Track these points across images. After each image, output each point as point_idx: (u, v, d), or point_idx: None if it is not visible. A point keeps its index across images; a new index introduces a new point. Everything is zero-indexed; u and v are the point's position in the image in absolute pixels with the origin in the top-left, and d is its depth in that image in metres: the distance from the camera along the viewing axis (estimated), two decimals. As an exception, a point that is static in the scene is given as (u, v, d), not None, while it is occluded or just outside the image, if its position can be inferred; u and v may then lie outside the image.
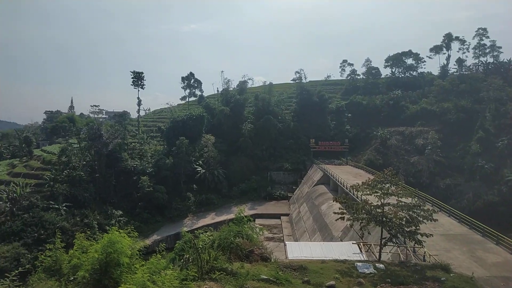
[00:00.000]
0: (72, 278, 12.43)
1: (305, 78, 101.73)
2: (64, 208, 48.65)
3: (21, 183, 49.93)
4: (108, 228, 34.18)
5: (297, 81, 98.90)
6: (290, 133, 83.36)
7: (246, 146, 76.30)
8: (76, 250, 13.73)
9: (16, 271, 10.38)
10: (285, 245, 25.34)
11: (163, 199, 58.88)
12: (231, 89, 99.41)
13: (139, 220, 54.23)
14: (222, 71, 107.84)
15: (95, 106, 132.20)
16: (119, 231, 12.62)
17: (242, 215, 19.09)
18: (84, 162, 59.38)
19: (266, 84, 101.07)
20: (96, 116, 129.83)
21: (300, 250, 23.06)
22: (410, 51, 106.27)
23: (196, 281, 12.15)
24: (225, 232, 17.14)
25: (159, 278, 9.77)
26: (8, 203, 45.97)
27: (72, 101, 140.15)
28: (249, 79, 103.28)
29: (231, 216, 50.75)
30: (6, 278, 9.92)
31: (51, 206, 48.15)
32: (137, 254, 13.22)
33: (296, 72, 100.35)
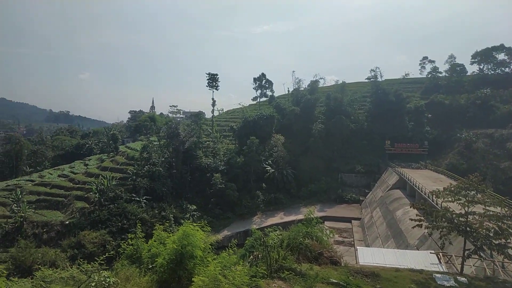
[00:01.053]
0: (151, 266, 13.15)
1: (381, 76, 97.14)
2: (144, 200, 52.32)
3: (108, 176, 54.79)
4: (182, 221, 36.03)
5: (372, 79, 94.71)
6: (363, 133, 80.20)
7: (316, 146, 75.15)
8: (154, 241, 14.57)
9: (103, 256, 11.31)
10: (356, 249, 24.44)
11: (234, 196, 60.48)
12: (302, 89, 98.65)
13: (211, 215, 56.32)
14: (293, 71, 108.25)
15: (174, 106, 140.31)
16: (193, 225, 13.13)
17: (312, 216, 18.76)
18: (163, 159, 63.30)
19: (339, 83, 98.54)
20: (174, 115, 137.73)
21: (372, 256, 22.02)
22: (502, 45, 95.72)
23: (265, 278, 12.19)
24: (294, 232, 16.98)
25: (230, 273, 9.96)
26: (97, 194, 50.75)
27: (153, 101, 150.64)
28: (321, 78, 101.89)
29: (300, 216, 50.27)
30: (95, 262, 10.87)
31: (133, 198, 52.14)
32: (209, 248, 13.64)
33: (371, 70, 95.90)
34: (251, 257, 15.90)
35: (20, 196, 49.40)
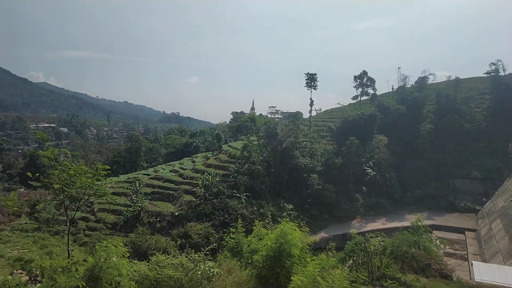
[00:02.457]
0: (250, 261, 13.53)
1: (503, 70, 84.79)
2: (244, 197, 54.43)
3: (212, 173, 58.39)
4: (280, 219, 36.57)
5: (492, 74, 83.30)
6: (481, 135, 70.95)
7: (424, 148, 69.13)
8: (254, 236, 14.99)
9: (208, 248, 12.07)
10: (470, 264, 21.75)
11: (331, 198, 59.18)
12: (408, 86, 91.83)
13: (307, 216, 56.01)
14: (398, 68, 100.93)
15: (272, 107, 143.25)
16: (291, 224, 13.15)
17: (419, 224, 17.30)
18: (262, 158, 65.10)
19: (451, 79, 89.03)
20: (272, 116, 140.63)
21: (491, 273, 19.35)
22: None
23: (365, 285, 11.61)
24: (399, 240, 15.86)
25: (329, 275, 9.72)
26: (203, 189, 54.51)
27: (253, 103, 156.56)
28: (430, 74, 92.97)
29: (405, 223, 46.80)
30: (201, 252, 11.66)
31: (234, 194, 54.69)
32: (307, 248, 13.52)
33: (491, 64, 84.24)
34: (351, 261, 15.33)
35: (138, 188, 55.71)
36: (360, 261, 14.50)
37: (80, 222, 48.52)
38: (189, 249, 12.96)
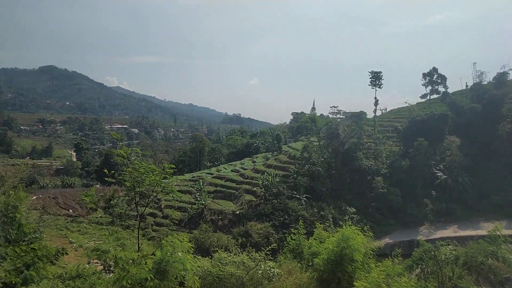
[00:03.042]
0: (311, 263, 13.34)
1: None
2: (304, 199, 53.93)
3: (272, 173, 58.65)
4: (341, 223, 35.63)
5: None
6: None
7: (504, 150, 63.08)
8: (315, 239, 14.76)
9: (269, 248, 12.12)
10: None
11: (397, 202, 56.41)
12: (485, 83, 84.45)
13: (371, 220, 53.92)
14: (474, 63, 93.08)
15: (334, 107, 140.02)
16: (353, 228, 12.73)
17: (498, 233, 15.77)
18: (322, 159, 64.00)
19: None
20: (334, 116, 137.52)
21: None
22: None
23: (436, 297, 10.87)
24: (474, 250, 14.61)
25: (394, 283, 9.25)
26: (263, 189, 55.00)
27: (314, 103, 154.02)
28: (511, 69, 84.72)
29: (480, 232, 43.12)
30: (261, 251, 11.76)
31: (293, 195, 54.42)
32: (370, 254, 13.01)
33: None
34: (419, 270, 14.44)
35: (202, 187, 57.75)
36: (429, 270, 13.59)
37: (148, 218, 51.53)
38: (250, 248, 13.13)
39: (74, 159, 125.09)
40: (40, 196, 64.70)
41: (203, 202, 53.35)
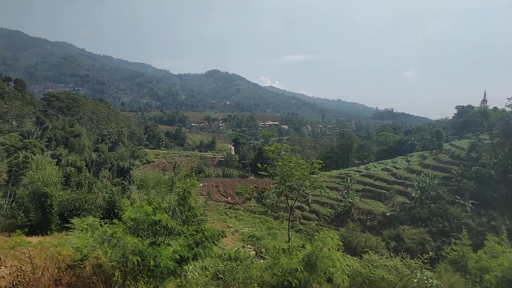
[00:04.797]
0: (479, 280, 11.62)
1: None
2: (470, 205, 47.14)
3: (430, 174, 53.19)
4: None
5: None
6: None
7: None
8: (484, 252, 12.77)
9: (425, 256, 10.93)
10: None
11: None
12: None
13: None
14: None
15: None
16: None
17: None
18: (496, 160, 54.58)
19: None
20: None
21: None
22: None
23: None
24: None
25: None
26: (418, 191, 50.35)
27: (485, 94, 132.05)
28: None
29: None
30: (417, 258, 10.72)
31: (456, 200, 48.14)
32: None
33: None
34: None
35: (349, 184, 56.55)
36: None
37: (296, 211, 53.38)
38: (404, 253, 12.13)
39: (233, 153, 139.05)
40: (205, 184, 74.38)
41: (351, 200, 52.21)
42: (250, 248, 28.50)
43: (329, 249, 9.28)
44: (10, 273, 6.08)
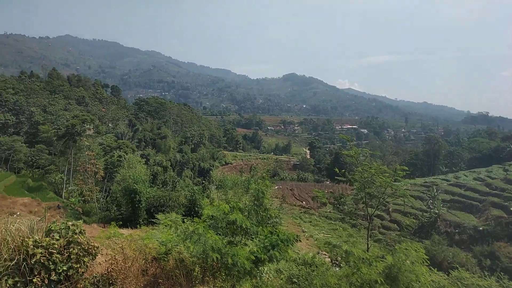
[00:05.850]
0: None
1: None
2: None
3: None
4: None
5: None
6: None
7: None
8: None
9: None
10: None
11: None
12: None
13: None
14: None
15: None
16: None
17: None
18: None
19: None
20: None
21: None
22: None
23: None
24: None
25: None
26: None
27: None
28: None
29: None
30: (518, 281, 9.47)
31: None
32: None
33: None
34: None
35: (436, 194, 52.31)
36: None
37: (375, 219, 50.92)
38: (501, 273, 10.80)
39: (308, 156, 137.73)
40: (280, 186, 74.79)
41: (437, 211, 48.24)
42: (325, 254, 27.89)
43: (412, 263, 8.63)
44: (105, 260, 6.71)
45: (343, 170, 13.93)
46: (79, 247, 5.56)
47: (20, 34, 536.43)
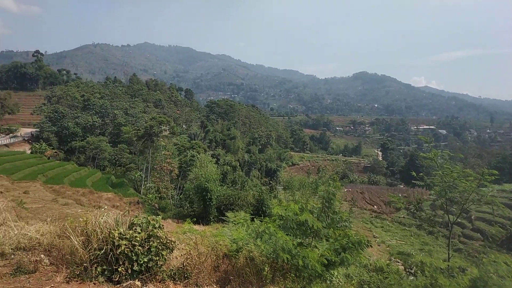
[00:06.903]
0: None
1: None
2: None
3: None
4: None
5: None
6: None
7: None
8: None
9: None
10: None
11: None
12: None
13: None
14: None
15: None
16: None
17: None
18: None
19: None
20: None
21: None
22: None
23: None
24: None
25: None
26: None
27: None
28: None
29: None
30: None
31: None
32: None
33: None
34: None
35: (530, 202, 46.74)
36: None
37: (455, 227, 47.02)
38: None
39: (380, 158, 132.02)
40: (350, 189, 72.54)
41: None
42: (398, 262, 26.41)
43: (502, 277, 7.74)
44: (181, 255, 7.04)
45: (421, 174, 13.03)
46: (158, 241, 5.90)
47: (105, 44, 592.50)
